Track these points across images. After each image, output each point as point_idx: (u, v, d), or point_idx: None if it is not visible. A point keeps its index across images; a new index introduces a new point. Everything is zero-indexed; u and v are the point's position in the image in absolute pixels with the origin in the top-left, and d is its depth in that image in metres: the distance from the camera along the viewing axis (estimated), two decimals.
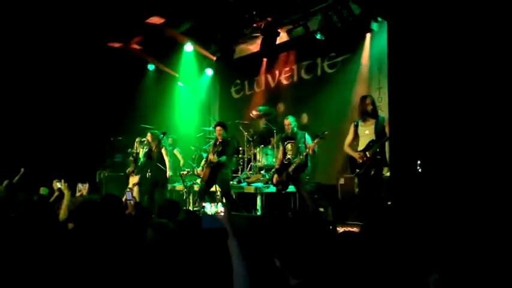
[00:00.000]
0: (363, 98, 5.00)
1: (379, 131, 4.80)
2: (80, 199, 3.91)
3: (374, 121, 4.87)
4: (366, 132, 4.89)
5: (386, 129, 4.75)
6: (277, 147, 6.34)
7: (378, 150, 4.76)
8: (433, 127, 4.52)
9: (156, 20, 7.30)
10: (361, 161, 4.81)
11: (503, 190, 3.71)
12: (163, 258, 2.10)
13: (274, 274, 1.64)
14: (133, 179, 3.90)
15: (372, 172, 4.73)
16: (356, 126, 5.02)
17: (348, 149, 5.06)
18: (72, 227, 2.83)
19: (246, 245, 1.82)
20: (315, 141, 5.49)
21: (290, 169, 5.61)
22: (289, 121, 5.84)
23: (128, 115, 8.42)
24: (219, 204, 1.98)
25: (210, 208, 1.97)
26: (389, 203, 4.67)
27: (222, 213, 1.95)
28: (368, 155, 4.78)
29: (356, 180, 4.96)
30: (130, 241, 2.36)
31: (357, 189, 4.88)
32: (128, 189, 4.10)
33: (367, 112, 4.88)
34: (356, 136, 5.00)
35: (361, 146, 4.90)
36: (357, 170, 4.85)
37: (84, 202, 3.29)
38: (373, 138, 4.80)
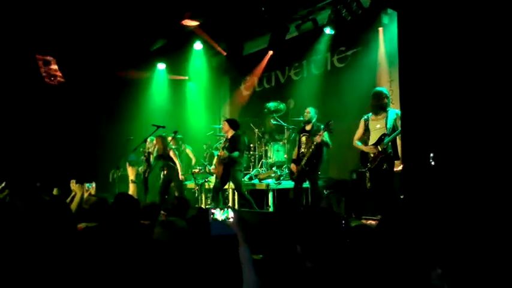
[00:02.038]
0: (379, 92, 4.95)
1: (390, 124, 4.75)
2: (93, 199, 3.96)
3: (385, 115, 4.82)
4: (377, 126, 4.85)
5: (398, 123, 4.71)
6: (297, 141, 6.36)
7: (389, 144, 4.72)
8: (446, 119, 4.46)
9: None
10: (372, 155, 4.77)
11: None
12: (171, 256, 2.10)
13: (290, 261, 1.69)
14: (132, 171, 3.91)
15: (384, 166, 4.70)
16: (366, 121, 4.98)
17: (357, 144, 5.02)
18: (83, 228, 2.85)
19: (258, 239, 1.82)
20: (320, 132, 5.50)
21: (303, 162, 5.62)
22: (309, 110, 5.87)
23: (139, 115, 8.50)
24: (229, 210, 1.92)
25: (219, 214, 1.91)
26: (401, 196, 4.62)
27: (232, 219, 1.88)
28: (380, 149, 4.74)
29: (368, 174, 4.92)
30: (139, 238, 2.37)
31: (368, 184, 4.85)
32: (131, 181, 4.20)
33: (382, 106, 4.84)
34: (366, 130, 4.96)
35: (372, 140, 4.86)
36: (369, 165, 4.82)
37: (98, 201, 3.33)
38: (385, 132, 4.76)
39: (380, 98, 4.85)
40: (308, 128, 5.84)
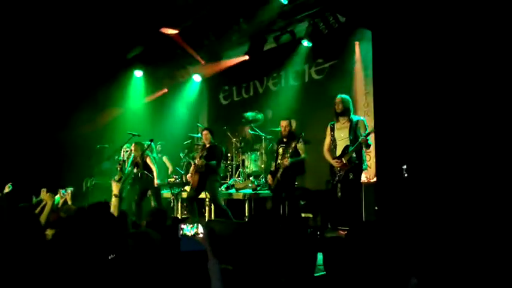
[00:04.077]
0: (335, 98, 5.05)
1: (352, 134, 4.80)
2: (72, 208, 3.84)
3: (348, 124, 4.89)
4: (342, 135, 4.90)
5: (361, 131, 4.76)
6: (275, 152, 6.33)
7: (354, 155, 4.77)
8: (419, 132, 4.58)
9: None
10: (339, 167, 4.83)
11: (488, 193, 3.76)
12: (142, 268, 2.05)
13: (259, 272, 1.66)
14: (116, 186, 3.81)
15: (351, 176, 4.75)
16: (332, 129, 5.04)
17: (327, 155, 5.06)
18: (53, 235, 2.77)
19: (230, 250, 1.81)
20: (292, 145, 5.46)
21: (278, 174, 5.58)
22: (286, 123, 5.82)
23: (114, 123, 8.36)
24: (198, 225, 1.88)
25: (188, 230, 1.87)
26: (376, 208, 4.70)
27: (201, 235, 1.86)
28: (344, 161, 4.78)
29: (339, 185, 4.96)
30: (111, 249, 2.31)
31: (339, 194, 4.88)
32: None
33: (337, 112, 4.94)
34: (333, 139, 5.01)
35: (338, 150, 4.91)
36: (336, 178, 4.87)
37: (78, 211, 3.22)
38: (348, 143, 4.81)
39: (335, 104, 4.94)
40: (285, 139, 5.84)
